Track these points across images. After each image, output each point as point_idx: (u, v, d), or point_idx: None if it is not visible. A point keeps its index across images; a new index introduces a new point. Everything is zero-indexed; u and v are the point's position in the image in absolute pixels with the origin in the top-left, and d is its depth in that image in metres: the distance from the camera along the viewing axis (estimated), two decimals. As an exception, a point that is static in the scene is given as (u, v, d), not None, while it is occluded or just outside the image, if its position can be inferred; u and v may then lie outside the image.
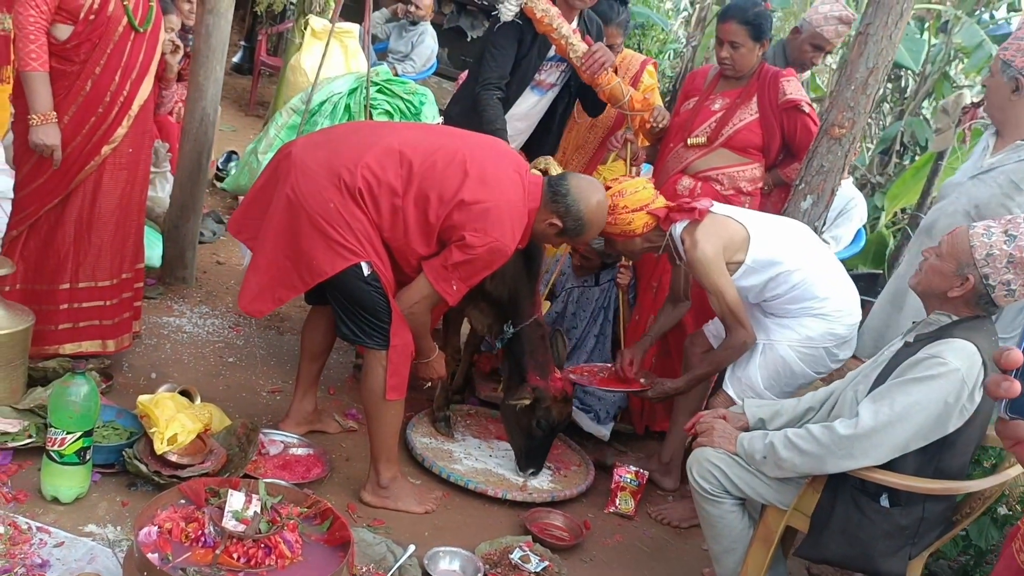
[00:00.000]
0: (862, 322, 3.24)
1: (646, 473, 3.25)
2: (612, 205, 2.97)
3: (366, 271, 2.61)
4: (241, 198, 3.87)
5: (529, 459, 3.19)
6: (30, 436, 2.65)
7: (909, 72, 7.66)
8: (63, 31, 2.82)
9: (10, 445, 2.59)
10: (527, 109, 3.52)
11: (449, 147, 2.69)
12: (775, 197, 3.71)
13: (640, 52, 8.85)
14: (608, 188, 3.00)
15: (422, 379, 3.02)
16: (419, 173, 2.63)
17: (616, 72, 3.56)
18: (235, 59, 8.96)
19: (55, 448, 2.41)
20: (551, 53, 3.42)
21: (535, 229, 2.83)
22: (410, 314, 2.72)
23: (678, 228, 3.03)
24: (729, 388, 3.10)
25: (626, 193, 3.03)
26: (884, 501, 2.37)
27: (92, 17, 2.82)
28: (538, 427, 3.10)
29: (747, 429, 2.66)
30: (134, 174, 3.12)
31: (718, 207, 3.08)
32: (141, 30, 2.95)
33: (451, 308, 3.15)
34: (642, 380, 3.27)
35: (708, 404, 3.21)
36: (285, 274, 2.67)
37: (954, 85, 7.52)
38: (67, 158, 2.92)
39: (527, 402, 3.06)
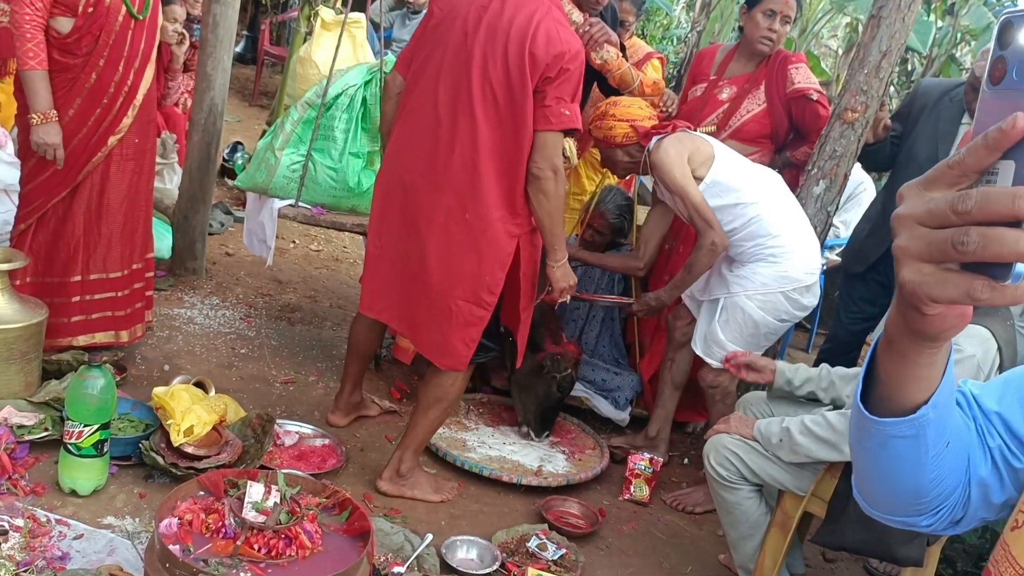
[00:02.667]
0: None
1: (660, 460, 3.25)
2: (604, 112, 3.18)
3: None
4: (250, 195, 3.82)
5: (543, 424, 3.35)
6: (47, 429, 2.65)
7: (916, 55, 7.63)
8: (65, 24, 2.81)
9: (27, 438, 2.59)
10: None
11: (478, 68, 2.54)
12: (784, 176, 3.70)
13: (643, 37, 8.80)
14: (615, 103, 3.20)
15: (555, 294, 2.81)
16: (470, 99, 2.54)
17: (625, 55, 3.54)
18: (237, 49, 8.92)
19: (73, 441, 2.41)
20: None
21: None
22: (555, 171, 2.55)
23: (651, 145, 3.11)
24: (697, 348, 3.17)
25: (620, 104, 3.20)
26: (902, 488, 2.37)
27: (91, 10, 2.81)
28: (558, 391, 3.27)
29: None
30: (141, 164, 3.12)
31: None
32: (140, 18, 2.94)
33: None
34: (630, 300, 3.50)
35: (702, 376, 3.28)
36: (466, 313, 2.62)
37: (961, 68, 7.49)
38: (74, 150, 2.91)
39: (569, 372, 3.23)
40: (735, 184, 3.02)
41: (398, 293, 2.74)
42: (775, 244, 3.01)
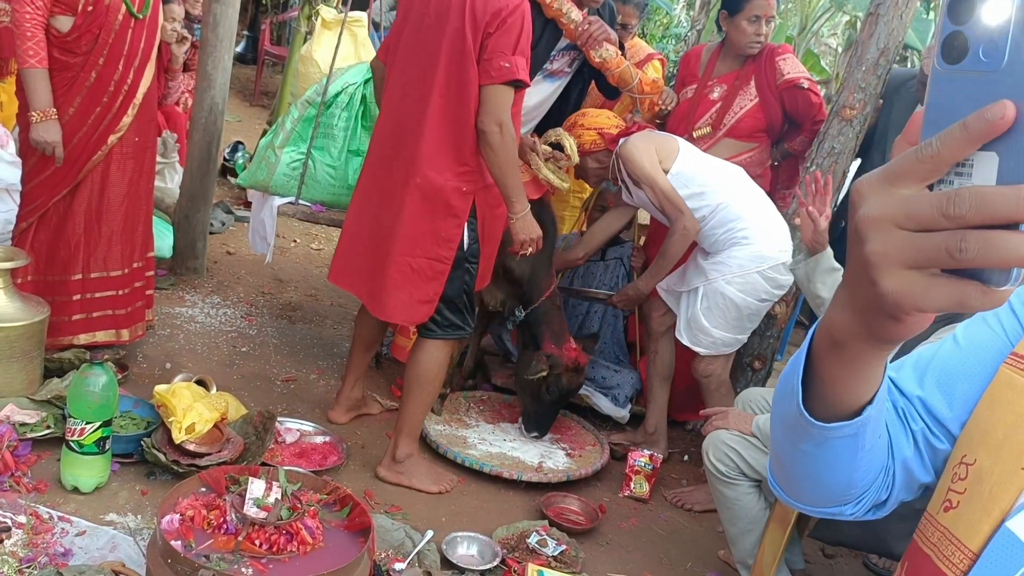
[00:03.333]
0: None
1: (660, 457, 3.26)
2: (573, 122, 3.34)
3: (467, 244, 2.74)
4: (253, 193, 3.85)
5: (536, 423, 3.35)
6: (49, 427, 2.67)
7: (915, 52, 7.63)
8: (65, 23, 2.82)
9: (29, 436, 2.60)
10: (540, 98, 3.52)
11: (429, 39, 2.65)
12: (783, 168, 3.72)
13: (643, 36, 8.81)
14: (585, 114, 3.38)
15: (515, 246, 2.83)
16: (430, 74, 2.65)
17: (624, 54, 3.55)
18: (238, 49, 8.95)
19: (75, 438, 2.43)
20: (563, 43, 3.41)
21: None
22: (500, 125, 2.59)
23: (620, 142, 3.23)
24: (684, 338, 3.24)
25: (589, 115, 3.38)
26: (899, 483, 2.37)
27: (91, 8, 2.82)
28: (547, 393, 3.25)
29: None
30: (141, 163, 3.13)
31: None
32: (140, 17, 2.94)
33: None
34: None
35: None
36: (426, 270, 2.73)
37: (961, 65, 7.50)
38: (74, 149, 2.92)
39: (544, 374, 3.20)
40: (699, 175, 3.14)
41: (368, 264, 2.84)
42: (744, 227, 3.11)
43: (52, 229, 3.03)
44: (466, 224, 2.74)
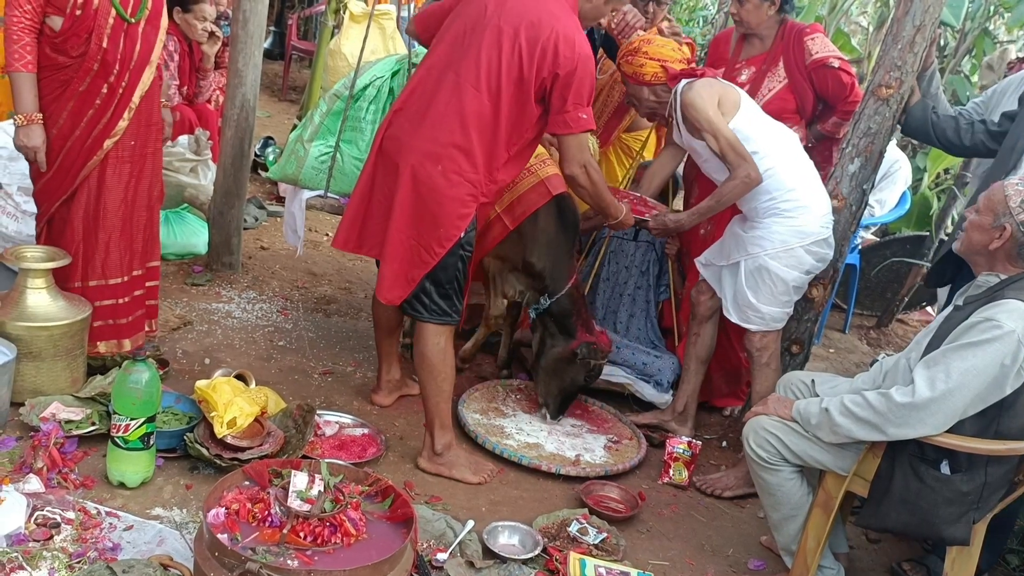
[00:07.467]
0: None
1: (699, 444, 3.24)
2: (636, 48, 3.21)
3: (465, 232, 2.76)
4: (284, 186, 3.87)
5: (562, 407, 3.39)
6: (93, 423, 2.72)
7: (949, 29, 7.48)
8: (58, 22, 2.79)
9: (75, 433, 2.65)
10: None
11: (490, 39, 2.70)
12: (819, 149, 3.67)
13: (670, 19, 8.69)
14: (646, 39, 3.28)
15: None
16: (486, 79, 2.69)
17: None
18: (265, 45, 8.98)
19: (120, 434, 2.46)
20: None
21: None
22: (584, 166, 2.81)
23: (681, 87, 3.12)
24: (733, 316, 3.21)
25: (654, 42, 3.24)
26: (944, 468, 2.34)
27: (79, 12, 2.78)
28: (585, 381, 3.31)
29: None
30: (139, 168, 3.07)
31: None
32: (132, 21, 2.89)
33: (488, 278, 3.32)
34: (648, 216, 3.40)
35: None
36: (414, 254, 2.77)
37: (995, 41, 7.34)
38: (68, 154, 2.90)
39: (603, 362, 3.27)
40: (754, 136, 3.06)
41: (379, 230, 2.85)
42: (790, 199, 3.05)
43: (55, 236, 3.01)
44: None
